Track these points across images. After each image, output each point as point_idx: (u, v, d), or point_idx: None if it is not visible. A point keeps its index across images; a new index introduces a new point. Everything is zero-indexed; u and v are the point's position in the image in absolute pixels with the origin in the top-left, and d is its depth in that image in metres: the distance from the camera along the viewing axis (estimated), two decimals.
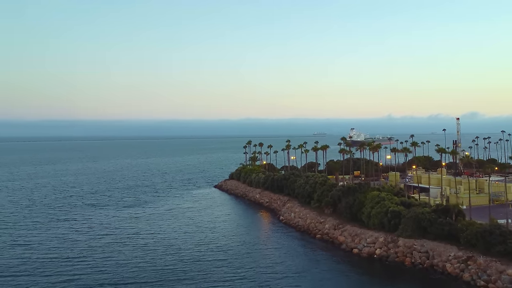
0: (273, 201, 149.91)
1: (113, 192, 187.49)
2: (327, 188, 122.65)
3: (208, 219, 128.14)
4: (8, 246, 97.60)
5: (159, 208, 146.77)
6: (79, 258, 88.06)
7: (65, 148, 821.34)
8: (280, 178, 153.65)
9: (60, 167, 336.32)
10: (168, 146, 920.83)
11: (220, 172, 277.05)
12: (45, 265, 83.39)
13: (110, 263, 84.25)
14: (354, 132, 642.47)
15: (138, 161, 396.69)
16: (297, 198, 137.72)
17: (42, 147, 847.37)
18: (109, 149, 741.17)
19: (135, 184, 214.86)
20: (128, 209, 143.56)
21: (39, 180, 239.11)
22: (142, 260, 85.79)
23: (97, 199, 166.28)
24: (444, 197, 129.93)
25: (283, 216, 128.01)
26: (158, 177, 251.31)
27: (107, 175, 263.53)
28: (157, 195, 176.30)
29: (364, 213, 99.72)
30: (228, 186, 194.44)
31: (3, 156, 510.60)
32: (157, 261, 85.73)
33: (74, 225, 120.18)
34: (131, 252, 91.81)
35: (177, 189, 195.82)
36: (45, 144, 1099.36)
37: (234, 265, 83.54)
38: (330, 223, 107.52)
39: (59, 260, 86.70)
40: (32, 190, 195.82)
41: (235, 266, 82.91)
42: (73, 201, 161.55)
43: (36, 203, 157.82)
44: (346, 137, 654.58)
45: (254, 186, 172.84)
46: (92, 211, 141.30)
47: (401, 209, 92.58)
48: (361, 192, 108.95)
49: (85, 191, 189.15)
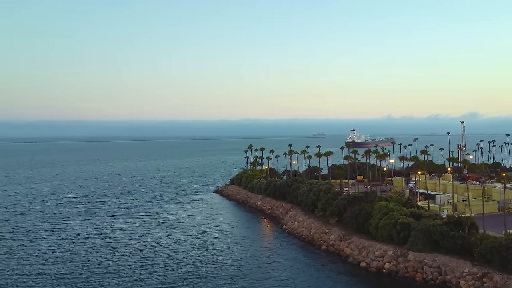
0: (276, 209, 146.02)
1: (111, 198, 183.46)
2: (332, 196, 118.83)
3: (209, 228, 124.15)
4: (0, 260, 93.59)
5: (158, 216, 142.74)
6: (74, 274, 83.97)
7: (65, 149, 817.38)
8: (282, 185, 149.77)
9: (57, 170, 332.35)
10: (167, 147, 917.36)
11: (220, 176, 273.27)
12: (39, 283, 79.43)
13: (107, 280, 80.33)
14: (355, 134, 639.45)
15: (137, 164, 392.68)
16: (300, 205, 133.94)
17: (42, 148, 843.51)
18: (108, 151, 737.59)
19: (133, 189, 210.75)
20: (126, 217, 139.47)
21: (36, 184, 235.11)
22: (140, 277, 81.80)
23: (94, 206, 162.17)
24: (452, 204, 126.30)
25: (286, 225, 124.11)
26: (157, 181, 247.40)
27: (105, 179, 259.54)
28: (155, 202, 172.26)
29: (372, 224, 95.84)
30: (228, 191, 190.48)
31: (4, 159, 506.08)
32: (156, 277, 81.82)
33: (70, 235, 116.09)
34: (130, 267, 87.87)
35: (177, 195, 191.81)
36: (45, 145, 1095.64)
37: (237, 282, 79.67)
38: (336, 234, 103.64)
39: (53, 276, 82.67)
40: (28, 195, 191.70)
41: (239, 283, 79.03)
42: (70, 208, 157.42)
43: (31, 210, 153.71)
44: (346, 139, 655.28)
45: (255, 192, 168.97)
46: (89, 219, 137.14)
47: (410, 221, 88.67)
48: (367, 201, 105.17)
49: (82, 197, 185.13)
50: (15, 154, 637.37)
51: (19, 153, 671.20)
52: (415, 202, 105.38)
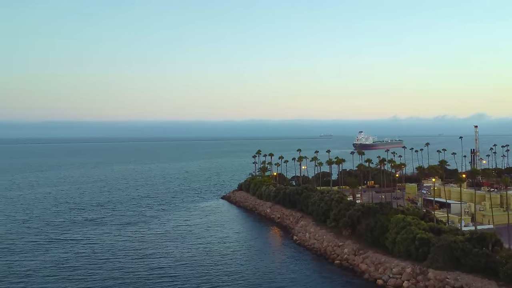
0: (285, 217, 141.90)
1: (116, 204, 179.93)
2: (344, 206, 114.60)
3: (217, 239, 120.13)
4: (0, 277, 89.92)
5: (165, 225, 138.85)
6: None
7: (70, 150, 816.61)
8: (292, 193, 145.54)
9: (62, 173, 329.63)
10: (172, 148, 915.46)
11: (226, 180, 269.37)
12: None
13: None
14: (363, 135, 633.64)
15: (142, 167, 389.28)
16: (311, 215, 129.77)
17: (46, 150, 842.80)
18: (113, 152, 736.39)
19: (139, 195, 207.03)
20: (132, 227, 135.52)
21: (40, 189, 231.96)
22: None
23: (99, 214, 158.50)
24: (468, 214, 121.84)
25: (297, 236, 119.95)
26: (163, 186, 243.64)
27: (110, 183, 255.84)
28: (162, 209, 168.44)
29: (388, 238, 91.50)
30: (237, 197, 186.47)
31: (6, 161, 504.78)
32: None
33: (74, 247, 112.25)
34: (136, 283, 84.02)
35: (183, 201, 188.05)
36: (49, 146, 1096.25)
37: None
38: (350, 247, 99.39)
39: None
40: (32, 201, 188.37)
41: None
42: (74, 216, 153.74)
43: (34, 219, 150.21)
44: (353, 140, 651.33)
45: (264, 199, 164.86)
46: (94, 229, 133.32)
47: (430, 236, 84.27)
48: (382, 213, 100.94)
49: (87, 203, 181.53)
50: (19, 156, 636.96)
51: (24, 155, 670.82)
52: (434, 215, 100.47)
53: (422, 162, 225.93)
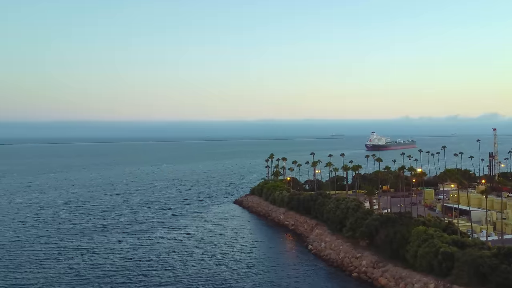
0: (300, 225, 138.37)
1: (126, 209, 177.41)
2: (361, 215, 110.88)
3: (230, 248, 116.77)
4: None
5: (176, 232, 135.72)
6: None
7: (80, 151, 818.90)
8: (306, 199, 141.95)
9: (73, 175, 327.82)
10: (182, 149, 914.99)
11: (238, 183, 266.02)
12: None
13: None
14: (375, 136, 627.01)
15: (153, 169, 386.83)
16: (326, 223, 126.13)
17: (57, 150, 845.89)
18: (124, 153, 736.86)
19: (149, 199, 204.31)
20: (142, 234, 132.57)
21: (50, 192, 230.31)
22: None
23: (109, 220, 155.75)
24: (490, 223, 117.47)
25: (312, 245, 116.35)
26: (173, 189, 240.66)
27: (120, 186, 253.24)
28: (172, 214, 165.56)
29: (409, 251, 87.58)
30: (249, 202, 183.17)
31: (18, 161, 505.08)
32: None
33: (84, 256, 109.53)
34: None
35: (194, 206, 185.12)
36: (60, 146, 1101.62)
37: None
38: (368, 259, 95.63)
39: None
40: (41, 206, 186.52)
41: None
42: (84, 222, 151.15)
43: (43, 225, 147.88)
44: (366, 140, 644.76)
45: (277, 205, 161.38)
46: (104, 236, 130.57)
47: (454, 250, 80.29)
48: (402, 223, 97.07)
49: (97, 208, 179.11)
50: (32, 156, 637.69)
51: (35, 155, 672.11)
52: (457, 228, 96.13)
53: (439, 166, 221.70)
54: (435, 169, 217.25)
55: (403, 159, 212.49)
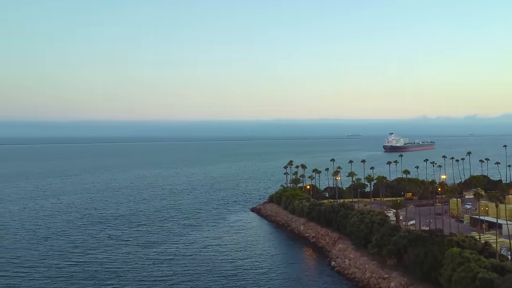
0: (321, 237, 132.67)
1: (139, 217, 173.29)
2: (388, 231, 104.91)
3: (249, 263, 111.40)
4: None
5: (193, 245, 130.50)
6: None
7: (96, 152, 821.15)
8: (328, 210, 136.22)
9: (87, 178, 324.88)
10: (198, 150, 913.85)
11: (255, 188, 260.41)
12: None
13: None
14: (393, 137, 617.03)
15: (168, 172, 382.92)
16: (350, 236, 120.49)
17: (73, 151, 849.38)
18: (139, 154, 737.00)
19: (163, 205, 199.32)
20: (158, 247, 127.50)
21: (64, 197, 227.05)
22: None
23: (124, 230, 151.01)
24: None
25: (335, 262, 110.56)
26: (189, 195, 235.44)
27: (135, 192, 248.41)
28: (188, 223, 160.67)
29: (443, 275, 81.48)
30: (267, 211, 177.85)
31: (34, 163, 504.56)
32: None
33: (98, 272, 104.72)
34: None
35: (210, 213, 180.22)
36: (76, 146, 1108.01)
37: None
38: (397, 281, 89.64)
39: None
40: (55, 213, 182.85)
41: None
42: (97, 232, 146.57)
43: (55, 234, 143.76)
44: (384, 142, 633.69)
45: (297, 215, 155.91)
46: (118, 248, 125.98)
47: (494, 276, 74.09)
48: (433, 243, 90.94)
49: (111, 216, 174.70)
50: (48, 158, 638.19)
51: (50, 156, 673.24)
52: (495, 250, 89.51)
53: (464, 172, 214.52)
54: (459, 175, 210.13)
55: (427, 165, 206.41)
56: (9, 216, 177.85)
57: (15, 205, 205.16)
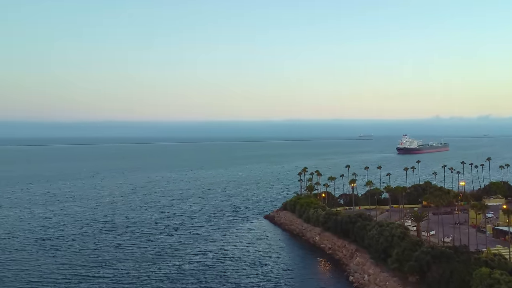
0: (338, 249, 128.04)
1: (150, 225, 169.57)
2: (409, 246, 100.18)
3: (263, 278, 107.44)
4: None
5: (206, 256, 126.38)
6: None
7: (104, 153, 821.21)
8: (345, 221, 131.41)
9: (97, 182, 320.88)
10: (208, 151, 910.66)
11: (267, 193, 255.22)
12: None
13: None
14: (407, 139, 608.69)
15: (179, 175, 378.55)
16: (368, 249, 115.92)
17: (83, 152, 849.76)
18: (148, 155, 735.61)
19: (174, 213, 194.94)
20: (169, 259, 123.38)
21: (74, 202, 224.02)
22: None
23: (134, 240, 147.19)
24: None
25: (354, 277, 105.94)
26: (200, 201, 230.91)
27: (145, 197, 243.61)
28: (199, 233, 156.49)
29: None
30: (281, 219, 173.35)
31: (43, 166, 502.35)
32: None
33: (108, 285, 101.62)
34: None
35: (222, 221, 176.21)
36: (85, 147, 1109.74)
37: None
38: None
39: None
40: (63, 220, 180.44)
41: None
42: (107, 242, 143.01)
43: (63, 244, 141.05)
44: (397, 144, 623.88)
45: (312, 224, 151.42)
46: (127, 261, 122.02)
47: None
48: (459, 261, 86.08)
49: (121, 224, 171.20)
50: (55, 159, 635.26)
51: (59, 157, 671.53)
52: None
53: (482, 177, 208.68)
54: (478, 181, 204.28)
55: (445, 171, 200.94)
56: (18, 223, 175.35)
57: (24, 210, 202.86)
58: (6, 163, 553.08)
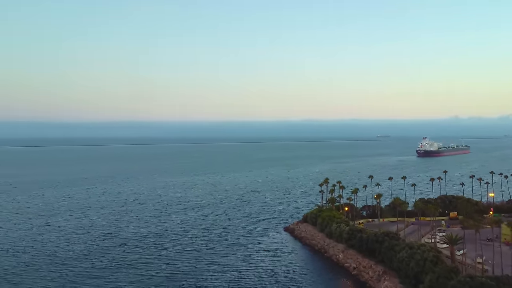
0: (363, 269, 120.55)
1: (164, 238, 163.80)
2: (444, 273, 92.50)
3: None
4: None
5: (225, 275, 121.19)
6: None
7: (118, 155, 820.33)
8: (371, 239, 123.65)
9: (112, 188, 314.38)
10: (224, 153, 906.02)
11: (286, 202, 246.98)
12: None
13: None
14: (427, 142, 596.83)
15: (194, 179, 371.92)
16: (397, 272, 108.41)
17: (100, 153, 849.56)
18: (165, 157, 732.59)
19: (190, 224, 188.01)
20: (186, 278, 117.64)
21: (88, 211, 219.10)
22: None
23: (147, 254, 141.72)
24: None
25: None
26: (216, 210, 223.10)
27: (160, 206, 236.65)
28: (216, 247, 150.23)
29: None
30: (302, 232, 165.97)
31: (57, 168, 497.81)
32: None
33: None
34: None
35: (240, 234, 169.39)
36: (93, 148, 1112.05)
37: None
38: None
39: None
40: (76, 230, 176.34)
41: None
42: (118, 258, 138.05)
43: (74, 258, 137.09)
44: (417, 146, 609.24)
45: (334, 240, 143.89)
46: (140, 279, 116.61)
47: None
48: None
49: (134, 236, 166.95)
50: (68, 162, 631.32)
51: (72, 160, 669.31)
52: None
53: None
54: (508, 191, 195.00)
55: (473, 182, 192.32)
56: (31, 234, 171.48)
57: (38, 220, 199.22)
58: (15, 166, 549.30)
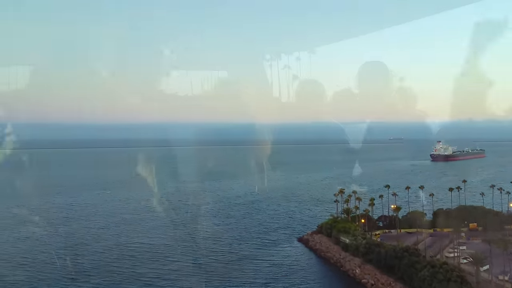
0: (381, 286, 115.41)
1: (175, 249, 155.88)
2: None
3: None
4: None
5: None
6: None
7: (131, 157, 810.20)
8: (389, 255, 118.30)
9: (123, 194, 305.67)
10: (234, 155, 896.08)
11: (298, 210, 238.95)
12: None
13: None
14: (441, 145, 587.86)
15: (205, 185, 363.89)
16: None
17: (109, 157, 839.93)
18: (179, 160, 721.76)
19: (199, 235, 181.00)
20: None
21: (98, 220, 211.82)
22: None
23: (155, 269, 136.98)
24: None
25: None
26: (226, 219, 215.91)
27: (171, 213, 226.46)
28: (228, 261, 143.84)
29: None
30: (316, 243, 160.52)
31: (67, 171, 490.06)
32: None
33: None
34: None
35: (252, 246, 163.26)
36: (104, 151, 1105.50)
37: None
38: None
39: None
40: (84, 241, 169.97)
41: None
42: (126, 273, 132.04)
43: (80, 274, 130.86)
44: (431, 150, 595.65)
45: (351, 253, 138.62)
46: None
47: None
48: None
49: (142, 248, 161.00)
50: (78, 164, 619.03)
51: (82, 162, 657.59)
52: None
53: None
54: None
55: (493, 191, 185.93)
56: (38, 246, 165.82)
57: (46, 229, 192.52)
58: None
